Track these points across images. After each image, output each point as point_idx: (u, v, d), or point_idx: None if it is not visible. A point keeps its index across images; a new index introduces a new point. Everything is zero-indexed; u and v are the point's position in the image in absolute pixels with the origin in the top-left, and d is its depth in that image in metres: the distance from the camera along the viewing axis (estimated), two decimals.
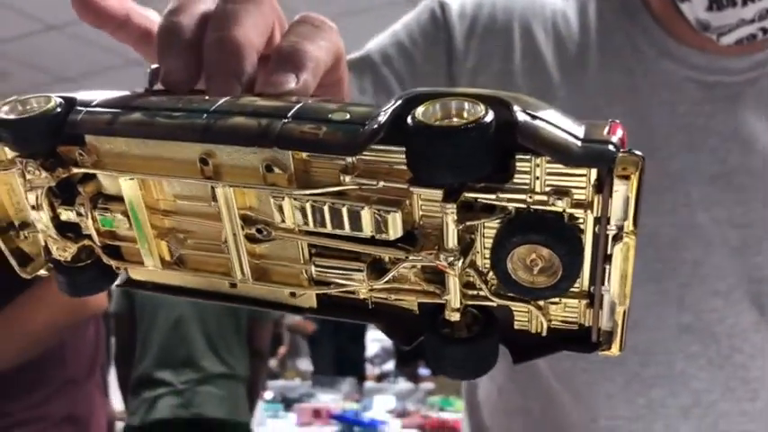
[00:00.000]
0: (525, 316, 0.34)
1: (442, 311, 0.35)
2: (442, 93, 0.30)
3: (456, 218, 0.30)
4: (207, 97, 0.36)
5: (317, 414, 3.12)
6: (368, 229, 0.32)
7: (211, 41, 0.38)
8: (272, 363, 4.38)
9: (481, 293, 0.33)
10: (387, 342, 5.06)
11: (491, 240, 0.32)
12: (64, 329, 1.37)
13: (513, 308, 0.34)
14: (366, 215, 0.32)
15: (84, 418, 1.46)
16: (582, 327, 0.34)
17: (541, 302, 0.33)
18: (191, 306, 2.48)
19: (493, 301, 0.33)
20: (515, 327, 0.35)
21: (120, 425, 2.76)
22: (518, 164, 0.30)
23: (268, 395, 3.55)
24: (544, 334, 0.34)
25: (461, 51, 0.82)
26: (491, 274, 0.33)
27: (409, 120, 0.29)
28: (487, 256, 0.32)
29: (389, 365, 4.96)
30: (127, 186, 0.36)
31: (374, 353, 5.21)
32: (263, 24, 0.40)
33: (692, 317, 0.76)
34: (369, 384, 4.23)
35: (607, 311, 0.32)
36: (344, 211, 0.32)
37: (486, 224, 0.32)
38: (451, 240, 0.31)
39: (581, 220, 0.31)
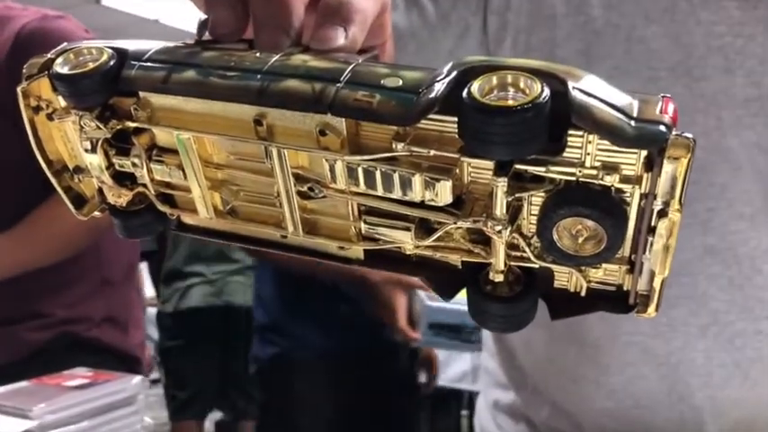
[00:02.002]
0: (565, 276, 0.36)
1: (485, 268, 0.36)
2: (496, 65, 0.30)
3: (506, 190, 0.31)
4: (258, 54, 0.36)
5: None
6: (418, 195, 0.34)
7: None
8: None
9: (524, 256, 0.35)
10: None
11: (537, 207, 0.33)
12: (97, 230, 1.38)
13: (555, 269, 0.36)
14: (417, 181, 0.33)
15: (122, 320, 1.50)
16: (619, 288, 0.35)
17: (582, 267, 0.34)
18: None
19: (535, 263, 0.35)
20: (555, 285, 0.36)
21: (152, 311, 2.87)
22: (570, 139, 0.31)
23: None
24: (583, 294, 0.36)
25: None
26: (535, 238, 0.34)
27: (464, 95, 0.30)
28: (533, 221, 0.34)
29: None
30: (181, 141, 0.37)
31: None
32: None
33: (717, 239, 0.77)
34: None
35: (646, 277, 0.34)
36: (396, 177, 0.33)
37: (534, 194, 0.33)
38: (500, 209, 0.32)
39: (627, 194, 0.31)
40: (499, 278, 0.35)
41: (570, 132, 0.31)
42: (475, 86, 0.30)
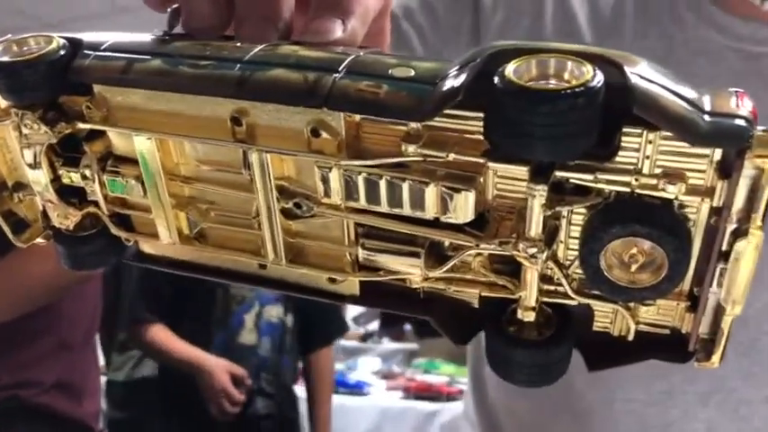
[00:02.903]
0: (608, 316, 0.30)
1: (507, 306, 0.30)
2: (534, 48, 0.25)
3: (544, 201, 0.25)
4: (239, 44, 0.30)
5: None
6: (431, 210, 0.27)
7: None
8: None
9: (560, 290, 0.29)
10: None
11: (577, 229, 0.27)
12: (61, 287, 1.27)
13: (595, 307, 0.29)
14: (431, 193, 0.27)
15: (77, 387, 1.38)
16: (674, 331, 0.29)
17: (631, 303, 0.28)
18: None
19: (573, 299, 0.28)
20: (593, 328, 0.30)
21: (101, 379, 2.71)
22: (624, 138, 0.25)
23: None
24: (630, 338, 0.29)
25: (489, 5, 0.76)
26: (572, 267, 0.28)
27: (496, 79, 0.24)
28: (572, 246, 0.28)
29: (374, 326, 4.93)
30: (142, 146, 0.30)
31: (358, 312, 5.18)
32: None
33: None
34: (352, 344, 4.20)
35: (710, 317, 0.28)
36: (405, 187, 0.27)
37: (574, 210, 0.27)
38: (536, 227, 0.26)
39: (692, 209, 0.26)
40: (529, 317, 0.29)
41: (625, 130, 0.25)
42: (510, 68, 0.24)
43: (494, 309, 0.30)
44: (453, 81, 0.25)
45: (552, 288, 0.29)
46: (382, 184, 0.27)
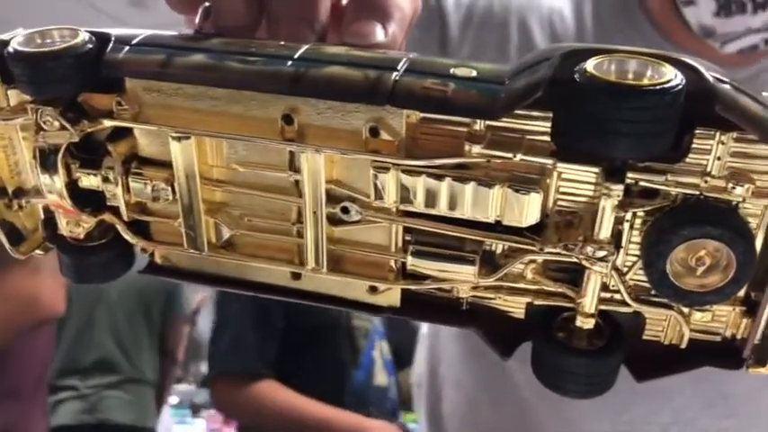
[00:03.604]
0: (659, 324, 0.29)
1: (554, 316, 0.29)
2: (610, 49, 0.25)
3: (618, 203, 0.25)
4: (281, 42, 0.29)
5: (227, 420, 2.99)
6: (493, 213, 0.27)
7: None
8: None
9: (616, 297, 0.28)
10: None
11: (635, 233, 0.27)
12: (12, 332, 1.15)
13: (648, 314, 0.29)
14: (496, 195, 0.26)
15: None
16: (725, 338, 0.29)
17: (686, 309, 0.28)
18: (103, 305, 2.32)
19: (630, 306, 0.28)
20: (643, 336, 0.30)
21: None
22: (695, 140, 0.25)
23: (173, 400, 3.38)
24: (683, 346, 0.29)
25: (456, 39, 0.77)
26: (630, 273, 0.28)
27: (577, 76, 0.24)
28: (630, 252, 0.27)
29: None
30: (179, 147, 0.28)
31: None
32: None
33: None
34: None
35: (764, 322, 0.28)
36: (469, 188, 0.26)
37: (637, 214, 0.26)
38: (605, 230, 0.26)
39: (752, 212, 0.26)
40: (589, 324, 0.28)
41: (698, 132, 0.25)
42: (590, 65, 0.24)
43: (540, 318, 0.30)
44: (527, 79, 0.25)
45: (608, 296, 0.28)
46: (444, 186, 0.26)
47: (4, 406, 1.25)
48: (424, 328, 2.81)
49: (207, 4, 0.31)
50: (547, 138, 0.26)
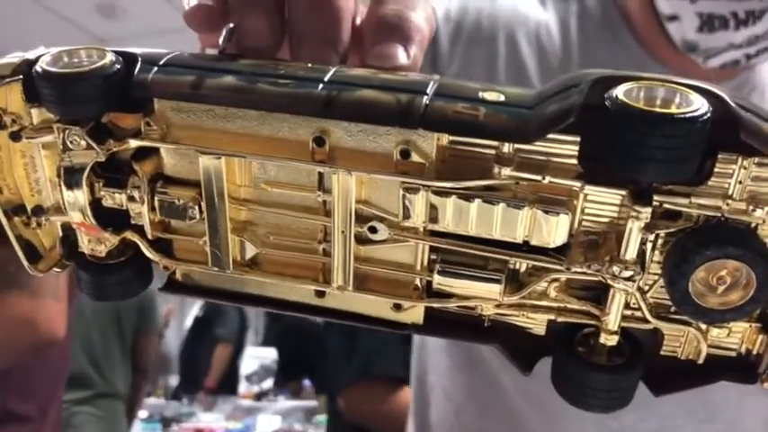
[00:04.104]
0: (677, 340, 0.30)
1: (573, 332, 0.30)
2: (637, 76, 0.26)
3: (647, 225, 0.26)
4: (309, 65, 0.30)
5: None
6: (521, 233, 0.27)
7: (302, 0, 0.32)
8: None
9: (636, 314, 0.29)
10: (265, 360, 4.92)
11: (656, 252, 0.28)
12: (6, 356, 1.10)
13: (666, 331, 0.30)
14: (525, 217, 0.27)
15: None
16: (741, 354, 0.30)
17: (704, 325, 0.29)
18: (77, 321, 2.28)
19: (650, 322, 0.29)
20: (660, 353, 0.31)
21: None
22: (718, 165, 0.26)
23: (143, 413, 3.35)
24: (700, 361, 0.30)
25: (446, 55, 0.78)
26: (650, 291, 0.29)
27: (608, 102, 0.24)
28: (651, 270, 0.28)
29: (268, 383, 4.82)
30: (209, 167, 0.29)
31: (252, 370, 5.06)
32: None
33: None
34: (247, 403, 4.09)
35: None
36: (498, 209, 0.27)
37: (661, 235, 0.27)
38: (632, 251, 0.26)
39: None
40: (612, 341, 0.29)
41: (721, 157, 0.26)
42: (620, 91, 0.25)
43: (561, 335, 0.30)
44: (558, 105, 0.26)
45: (628, 313, 0.29)
46: (474, 207, 0.27)
47: (10, 430, 1.21)
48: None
49: (231, 25, 0.32)
50: (571, 160, 0.27)
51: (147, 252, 0.32)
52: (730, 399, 0.77)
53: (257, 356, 5.06)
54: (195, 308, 4.58)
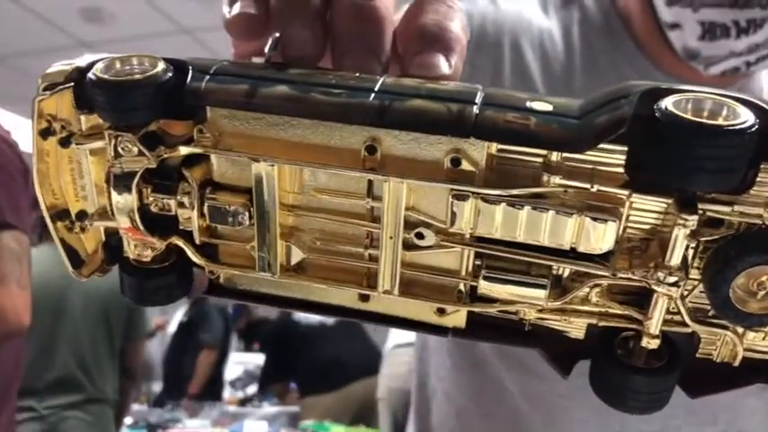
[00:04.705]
0: (713, 343, 0.31)
1: (613, 336, 0.31)
2: (683, 89, 0.27)
3: (692, 232, 0.27)
4: (357, 74, 0.30)
5: None
6: (569, 240, 0.28)
7: (346, 10, 0.33)
8: None
9: (675, 318, 0.30)
10: (249, 365, 4.90)
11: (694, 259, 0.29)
12: None
13: (703, 334, 0.31)
14: (573, 224, 0.28)
15: None
16: None
17: (740, 329, 0.30)
18: (65, 322, 2.26)
19: (689, 326, 0.30)
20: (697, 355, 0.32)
21: None
22: (761, 174, 0.27)
23: (127, 420, 3.32)
24: (735, 364, 0.31)
25: None
26: (689, 296, 0.29)
27: (658, 113, 0.25)
28: (691, 276, 0.29)
29: (252, 389, 4.80)
30: (262, 174, 0.29)
31: (236, 376, 5.04)
32: None
33: None
34: (232, 409, 4.07)
35: None
36: (548, 216, 0.28)
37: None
38: (677, 257, 0.27)
39: None
40: (654, 344, 0.30)
41: (763, 167, 0.27)
42: (669, 102, 0.26)
43: (600, 338, 0.31)
44: (609, 115, 0.26)
45: (668, 317, 0.30)
46: (523, 214, 0.28)
47: None
48: (389, 343, 2.80)
49: (277, 34, 0.32)
50: (616, 168, 0.28)
51: (194, 257, 0.32)
52: (731, 399, 0.78)
53: (241, 362, 5.04)
54: (179, 313, 4.55)
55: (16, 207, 1.37)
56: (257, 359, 4.72)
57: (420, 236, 0.30)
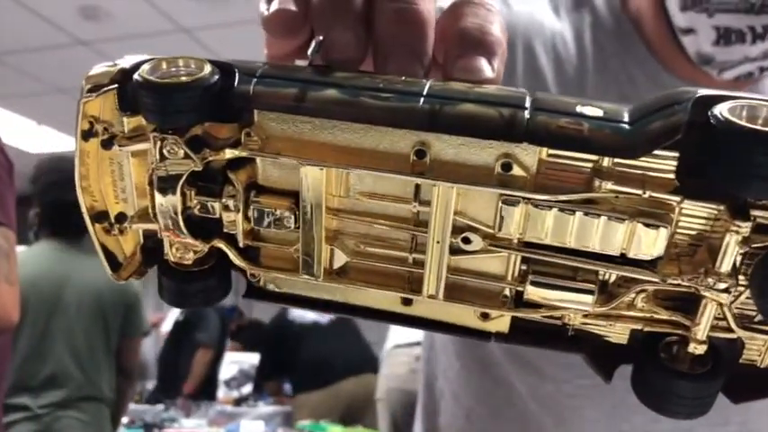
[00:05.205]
0: (757, 349, 0.31)
1: (657, 340, 0.31)
2: (735, 96, 0.27)
3: (744, 238, 0.27)
4: (404, 78, 0.30)
5: None
6: (619, 246, 0.28)
7: (388, 13, 0.32)
8: None
9: (721, 324, 0.30)
10: (244, 365, 4.90)
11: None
12: None
13: (747, 340, 0.31)
14: (624, 230, 0.28)
15: None
16: None
17: None
18: (59, 317, 2.24)
19: (734, 332, 0.30)
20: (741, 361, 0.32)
21: None
22: None
23: (124, 419, 3.31)
24: None
25: None
26: (735, 302, 0.29)
27: (713, 120, 0.25)
28: (741, 282, 0.29)
29: (247, 388, 4.80)
30: (310, 177, 0.29)
31: (231, 376, 5.03)
32: None
33: None
34: (228, 408, 4.06)
35: None
36: (599, 222, 0.28)
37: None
38: (728, 263, 0.27)
39: None
40: (701, 350, 0.30)
41: None
42: (724, 110, 0.26)
43: (643, 343, 0.31)
44: (663, 122, 0.26)
45: (714, 323, 0.30)
46: (574, 219, 0.28)
47: None
48: (388, 343, 2.79)
49: (320, 37, 0.32)
50: (667, 174, 0.28)
51: (236, 260, 0.32)
52: None
53: (236, 361, 5.04)
54: (175, 312, 4.55)
55: (2, 203, 1.36)
56: (252, 359, 4.71)
57: (467, 240, 0.30)
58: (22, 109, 5.25)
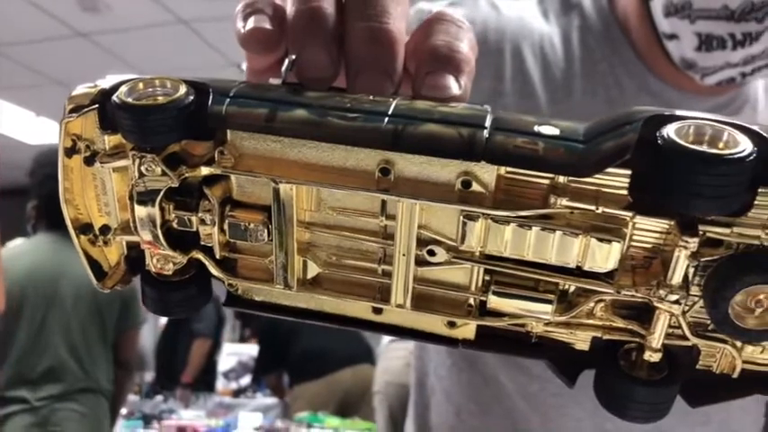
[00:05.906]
0: (712, 355, 0.33)
1: (617, 347, 0.32)
2: (686, 116, 0.28)
3: (693, 253, 0.28)
4: (371, 96, 0.31)
5: (181, 431, 2.97)
6: (575, 258, 0.30)
7: (360, 32, 0.34)
8: None
9: (676, 332, 0.31)
10: (243, 356, 4.92)
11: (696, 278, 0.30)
12: None
13: (703, 347, 0.32)
14: (578, 244, 0.29)
15: None
16: None
17: (739, 343, 0.32)
18: (56, 310, 2.26)
19: (689, 340, 0.31)
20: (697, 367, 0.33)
21: None
22: (758, 198, 0.28)
23: (123, 410, 3.34)
24: (734, 375, 0.32)
25: None
26: (689, 312, 0.31)
27: (660, 141, 0.27)
28: (692, 292, 0.30)
29: (246, 380, 4.82)
30: (282, 194, 0.31)
31: (229, 367, 5.06)
32: (405, 14, 0.36)
33: None
34: (226, 399, 4.09)
35: None
36: (555, 237, 0.29)
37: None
38: (678, 276, 0.29)
39: None
40: (656, 357, 0.31)
41: (761, 191, 0.28)
42: (671, 130, 0.27)
43: (604, 350, 0.33)
44: (614, 141, 0.28)
45: (669, 331, 0.31)
46: (531, 234, 0.29)
47: None
48: (386, 338, 2.81)
49: (293, 56, 0.33)
50: (620, 191, 0.29)
51: (214, 270, 0.33)
52: None
53: (235, 353, 5.06)
54: None
55: None
56: (251, 350, 4.73)
57: (431, 253, 0.31)
58: (21, 100, 5.25)
